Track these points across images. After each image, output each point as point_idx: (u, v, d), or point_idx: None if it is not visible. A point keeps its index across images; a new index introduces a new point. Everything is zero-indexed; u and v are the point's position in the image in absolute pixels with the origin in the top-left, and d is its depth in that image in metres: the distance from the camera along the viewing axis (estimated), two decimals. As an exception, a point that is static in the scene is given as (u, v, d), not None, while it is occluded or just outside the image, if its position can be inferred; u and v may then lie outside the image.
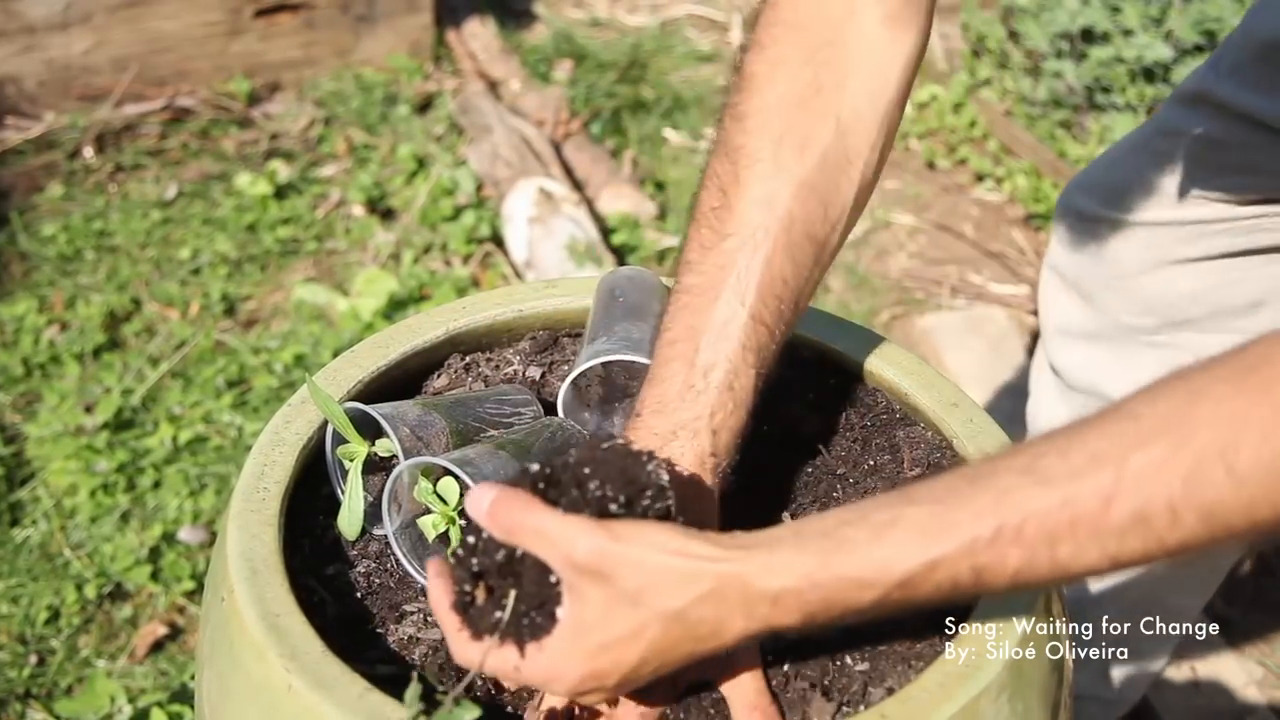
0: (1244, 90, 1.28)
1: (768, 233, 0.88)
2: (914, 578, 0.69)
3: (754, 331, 0.87)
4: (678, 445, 0.86)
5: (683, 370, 0.88)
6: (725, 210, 0.90)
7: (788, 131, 0.89)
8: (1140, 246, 1.42)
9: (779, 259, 0.88)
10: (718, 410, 0.86)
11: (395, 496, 0.91)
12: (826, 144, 0.89)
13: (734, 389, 0.87)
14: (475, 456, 0.89)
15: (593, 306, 1.11)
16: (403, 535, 0.91)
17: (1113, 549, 0.67)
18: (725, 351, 0.87)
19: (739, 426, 0.88)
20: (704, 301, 0.89)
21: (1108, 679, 1.73)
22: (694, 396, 0.87)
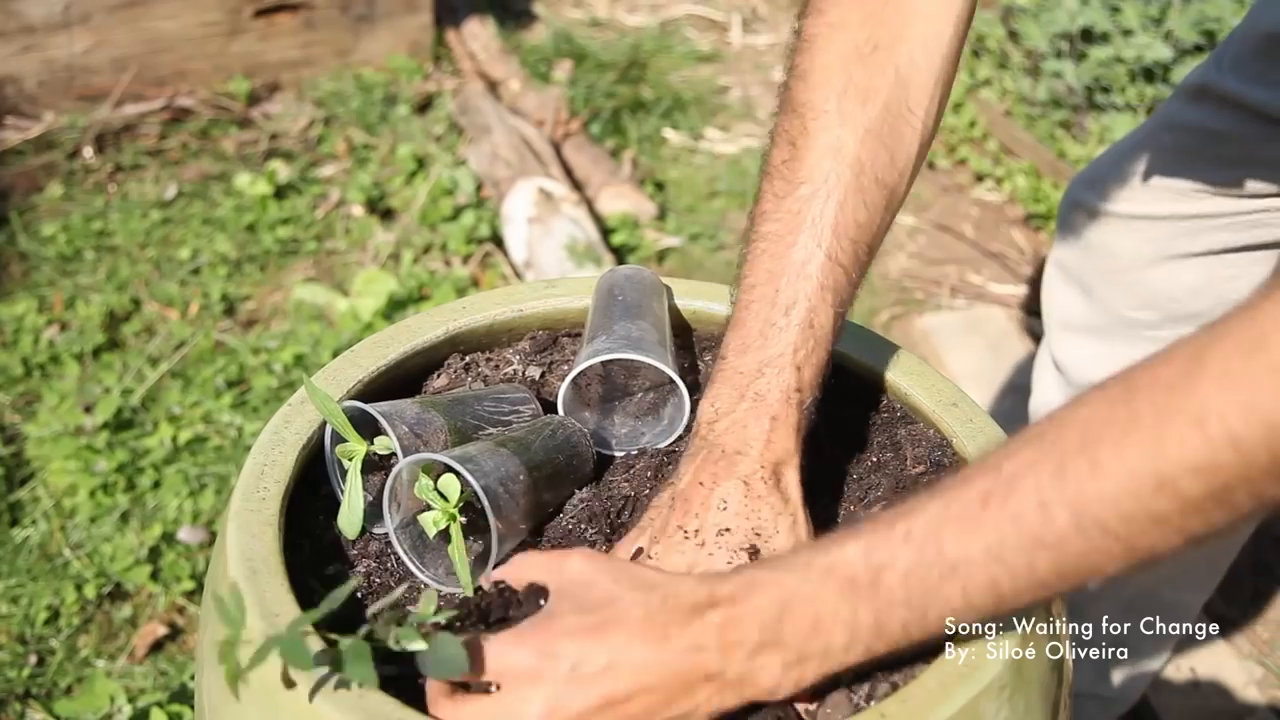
0: (1247, 83, 1.28)
1: (839, 178, 0.93)
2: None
3: (831, 271, 0.92)
4: (763, 382, 0.89)
5: (764, 310, 0.92)
6: (796, 161, 0.94)
7: (849, 84, 0.94)
8: (1143, 241, 1.42)
9: (851, 202, 0.93)
10: (800, 346, 0.90)
11: (395, 494, 0.91)
12: (887, 94, 0.94)
13: (814, 326, 0.91)
14: (476, 454, 0.89)
15: (592, 305, 1.11)
16: (403, 533, 0.91)
17: (995, 548, 0.69)
18: (805, 290, 0.91)
19: (821, 363, 0.92)
20: (781, 246, 0.93)
21: (1107, 677, 1.73)
22: (776, 334, 0.91)
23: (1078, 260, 1.51)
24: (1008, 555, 0.68)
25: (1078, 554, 0.67)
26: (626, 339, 1.00)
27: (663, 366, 0.99)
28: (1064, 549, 0.67)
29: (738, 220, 3.09)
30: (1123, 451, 0.65)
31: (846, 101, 0.94)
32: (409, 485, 0.90)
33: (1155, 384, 0.65)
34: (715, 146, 3.41)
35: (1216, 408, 0.62)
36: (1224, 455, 0.62)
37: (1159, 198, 1.39)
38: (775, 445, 0.88)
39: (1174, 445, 0.63)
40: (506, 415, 1.01)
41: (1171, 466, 0.63)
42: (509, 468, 0.90)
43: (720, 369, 0.92)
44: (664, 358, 1.00)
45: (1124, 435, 0.65)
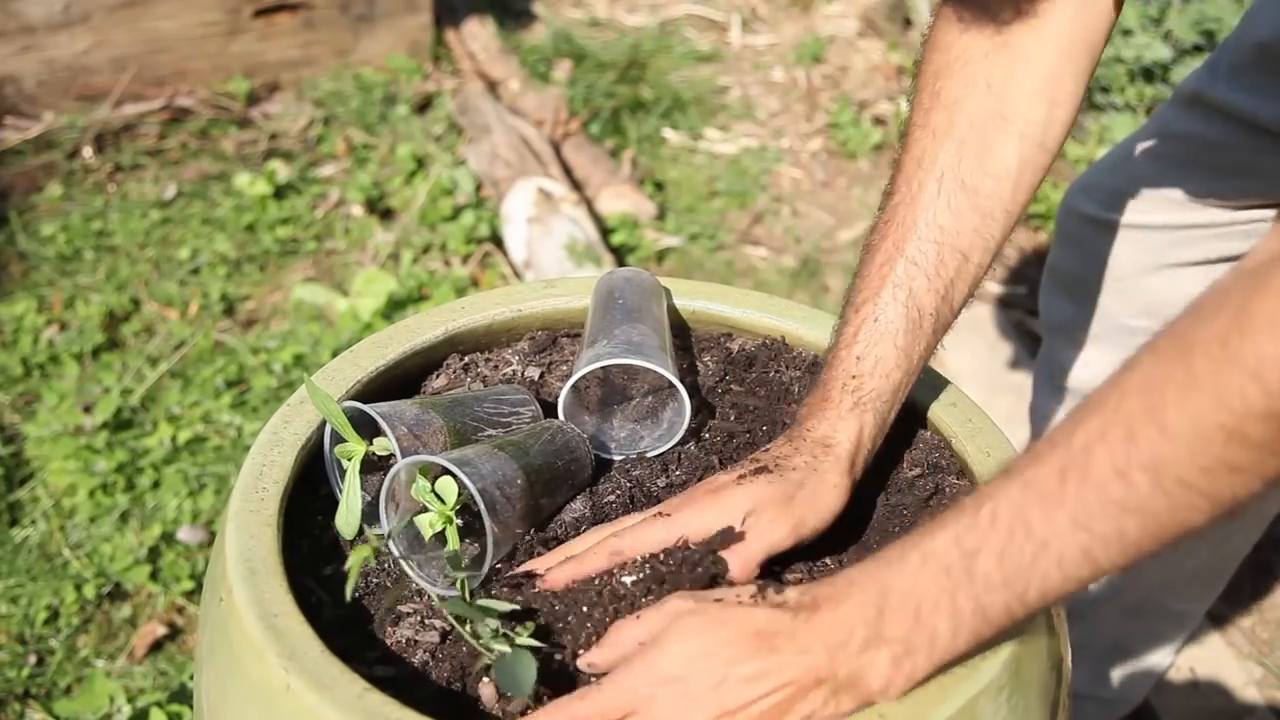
0: (1241, 93, 1.28)
1: (921, 185, 0.99)
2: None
3: (906, 271, 0.98)
4: (829, 372, 0.97)
5: (846, 310, 1.00)
6: (894, 174, 1.02)
7: (938, 98, 1.00)
8: (1139, 250, 1.42)
9: (932, 206, 0.98)
10: (861, 339, 0.97)
11: (393, 495, 0.91)
12: (975, 104, 0.99)
13: (879, 321, 0.97)
14: (474, 456, 0.89)
15: (591, 308, 1.11)
16: (400, 534, 0.91)
17: (1082, 519, 0.70)
18: (875, 289, 0.98)
19: (886, 354, 0.97)
20: (871, 252, 1.00)
21: (1107, 679, 1.73)
22: (844, 327, 0.99)
23: (1075, 268, 1.51)
24: (1095, 525, 0.70)
25: (1164, 513, 0.69)
26: (627, 343, 1.00)
27: (664, 372, 0.99)
28: (1149, 511, 0.69)
29: (737, 220, 3.09)
30: (1187, 410, 0.66)
31: (935, 114, 1.00)
32: (406, 486, 0.90)
33: (1209, 340, 0.66)
34: (715, 146, 3.41)
35: (1271, 356, 0.64)
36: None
37: (1155, 207, 1.39)
38: (826, 423, 0.94)
39: (1236, 398, 0.65)
40: (506, 417, 1.01)
41: (1237, 419, 0.65)
42: (506, 471, 0.90)
43: (827, 356, 1.00)
44: (664, 362, 1.00)
45: (1185, 394, 0.66)
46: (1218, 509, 0.68)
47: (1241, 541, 1.61)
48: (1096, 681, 1.73)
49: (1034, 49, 0.98)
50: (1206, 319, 0.67)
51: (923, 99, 1.01)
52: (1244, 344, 0.65)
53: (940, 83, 1.00)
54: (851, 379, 0.96)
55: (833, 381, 0.96)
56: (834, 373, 0.97)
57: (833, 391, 0.96)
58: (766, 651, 0.76)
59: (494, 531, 0.87)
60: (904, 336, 0.97)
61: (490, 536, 0.87)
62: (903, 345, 0.97)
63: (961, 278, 1.00)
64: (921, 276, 0.98)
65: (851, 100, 3.55)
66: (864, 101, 3.58)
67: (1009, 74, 0.98)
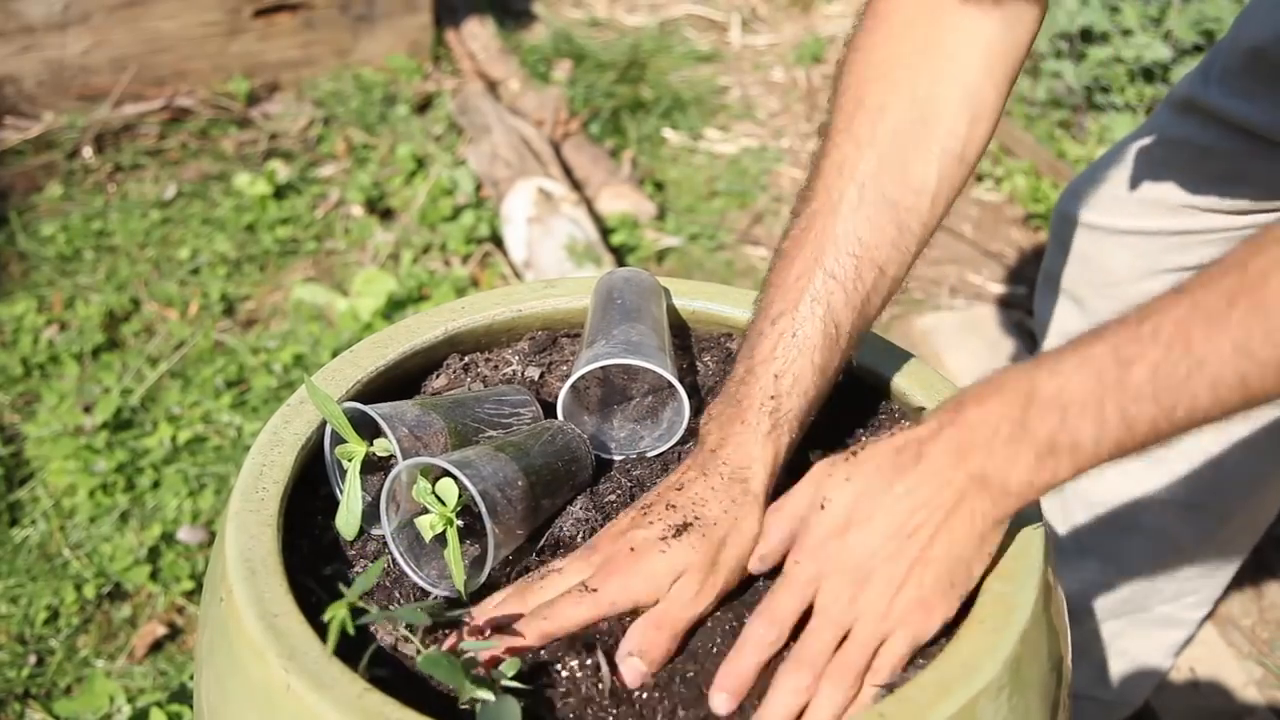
0: (1233, 98, 1.28)
1: (841, 194, 0.96)
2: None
3: (824, 286, 0.94)
4: (744, 389, 0.94)
5: (757, 321, 0.97)
6: (810, 181, 0.99)
7: (861, 104, 0.97)
8: (1134, 255, 1.42)
9: (851, 219, 0.95)
10: (779, 356, 0.94)
11: (393, 496, 0.91)
12: (900, 113, 0.96)
13: (797, 336, 0.94)
14: (475, 458, 0.89)
15: (590, 308, 1.11)
16: (400, 535, 0.91)
17: (1244, 343, 0.70)
18: (793, 302, 0.94)
19: (803, 372, 0.94)
20: (785, 262, 0.97)
21: (1106, 679, 1.73)
22: (760, 342, 0.95)
23: (1069, 272, 1.51)
24: (1256, 349, 0.70)
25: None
26: (626, 343, 1.00)
27: (663, 372, 0.99)
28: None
29: (737, 220, 3.09)
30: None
31: (857, 120, 0.96)
32: (407, 487, 0.90)
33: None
34: (715, 146, 3.41)
35: None
36: None
37: (1149, 212, 1.39)
38: (743, 449, 0.91)
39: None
40: (507, 418, 1.01)
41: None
42: (507, 473, 0.90)
43: (733, 373, 0.97)
44: (663, 362, 1.00)
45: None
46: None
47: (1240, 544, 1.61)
48: (1096, 683, 1.73)
49: (960, 59, 0.96)
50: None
51: (845, 103, 0.98)
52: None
53: (865, 88, 0.97)
54: (770, 399, 0.92)
55: (748, 399, 0.93)
56: (749, 389, 0.93)
57: (749, 412, 0.92)
58: (912, 461, 0.81)
59: (495, 534, 0.87)
60: (820, 353, 0.94)
61: (491, 539, 0.87)
62: (819, 362, 0.94)
63: (876, 292, 0.97)
64: (840, 290, 0.94)
65: (851, 100, 3.54)
66: (864, 101, 3.58)
67: (934, 84, 0.96)
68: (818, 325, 0.94)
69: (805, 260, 0.95)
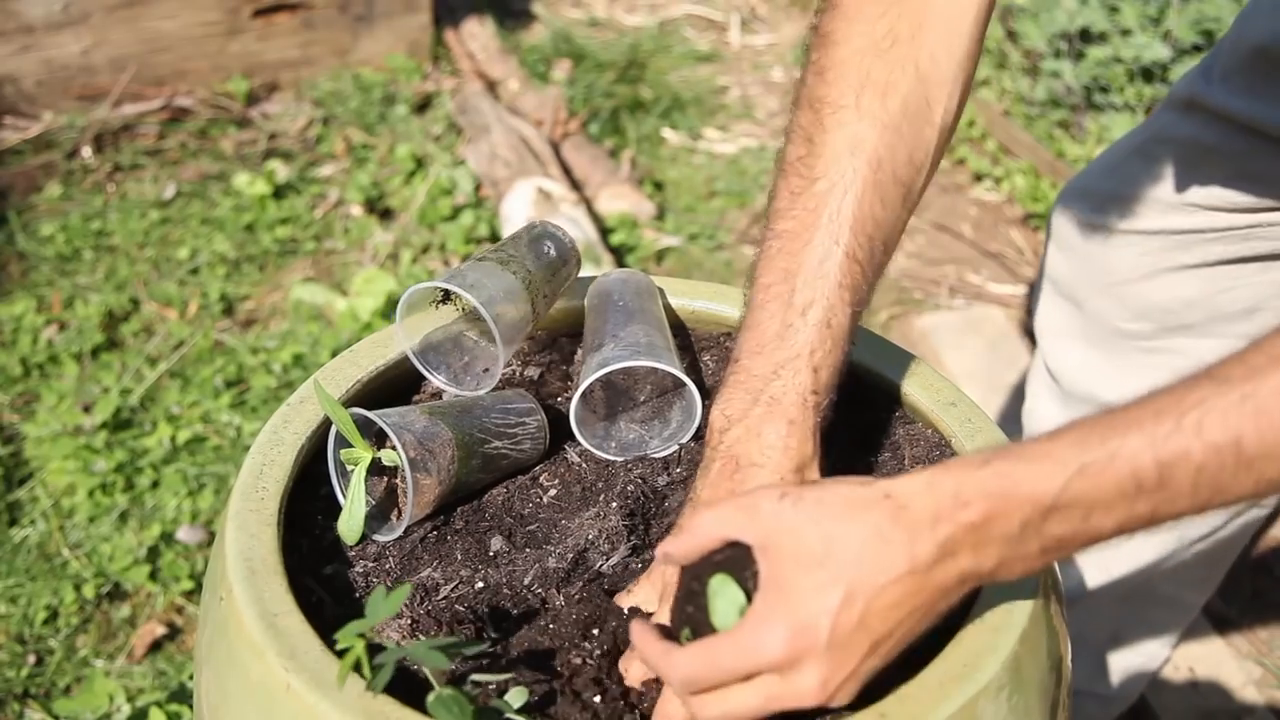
0: (1235, 96, 1.28)
1: (856, 173, 0.91)
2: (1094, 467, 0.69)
3: (849, 269, 0.90)
4: (779, 384, 0.88)
5: (780, 311, 0.90)
6: (812, 157, 0.92)
7: (868, 80, 0.92)
8: (1135, 254, 1.42)
9: (869, 198, 0.91)
10: (817, 347, 0.88)
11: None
12: (907, 90, 0.92)
13: (832, 326, 0.89)
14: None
15: (588, 311, 1.11)
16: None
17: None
18: (822, 290, 0.89)
19: (837, 364, 0.90)
20: (798, 244, 0.91)
21: (1105, 675, 1.73)
22: (792, 335, 0.89)
23: (1069, 271, 1.51)
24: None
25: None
26: (634, 345, 1.00)
27: (677, 373, 0.98)
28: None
29: (736, 220, 3.09)
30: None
31: (865, 97, 0.92)
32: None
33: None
34: (714, 146, 3.41)
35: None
36: None
37: (1152, 211, 1.39)
38: (793, 451, 0.86)
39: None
40: (513, 427, 1.01)
41: None
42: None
43: (733, 372, 0.90)
44: (673, 362, 1.00)
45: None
46: None
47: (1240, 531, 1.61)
48: (1095, 677, 1.73)
49: (955, 26, 0.93)
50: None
51: (847, 75, 0.93)
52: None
53: (868, 62, 0.93)
54: (812, 394, 0.88)
55: (789, 396, 0.87)
56: (789, 385, 0.88)
57: (793, 409, 0.87)
58: (905, 567, 0.71)
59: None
60: (849, 339, 0.92)
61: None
62: (847, 352, 0.92)
63: (882, 268, 0.95)
64: (861, 273, 0.91)
65: (851, 100, 3.55)
66: (863, 101, 3.58)
67: (934, 59, 0.93)
68: (848, 312, 0.90)
69: (823, 244, 0.90)
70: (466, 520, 0.98)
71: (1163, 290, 1.41)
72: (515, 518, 0.99)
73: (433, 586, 0.91)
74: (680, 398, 1.04)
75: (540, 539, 0.96)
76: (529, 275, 1.04)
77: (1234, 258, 1.35)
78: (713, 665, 0.72)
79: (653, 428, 1.07)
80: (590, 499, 0.99)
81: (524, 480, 1.02)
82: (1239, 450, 0.67)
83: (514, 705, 0.78)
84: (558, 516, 0.98)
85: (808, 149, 0.93)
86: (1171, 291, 1.40)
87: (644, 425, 1.07)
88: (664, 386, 1.09)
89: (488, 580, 0.91)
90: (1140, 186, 1.39)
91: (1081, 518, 0.70)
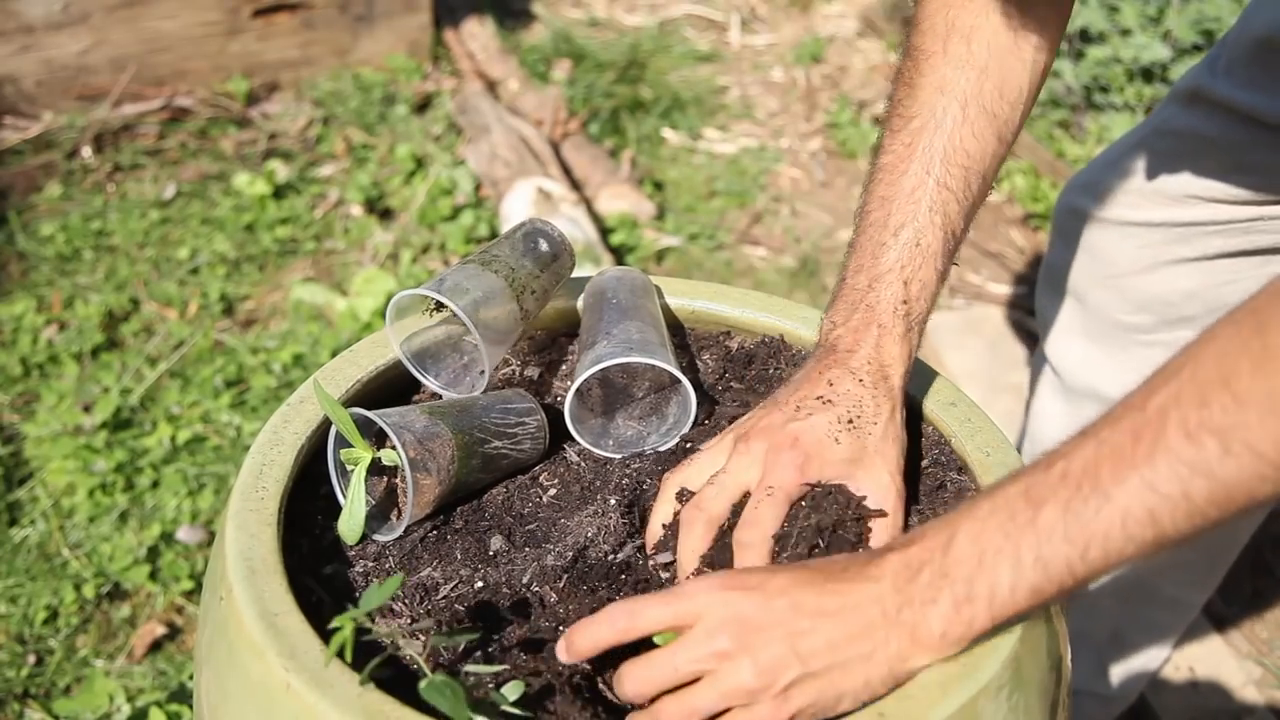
0: (1240, 88, 1.28)
1: (946, 111, 1.02)
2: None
3: (940, 196, 1.01)
4: (874, 295, 0.99)
5: (876, 233, 1.01)
6: (909, 98, 1.04)
7: (952, 28, 1.04)
8: (1137, 246, 1.42)
9: (959, 133, 1.02)
10: (907, 264, 1.00)
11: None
12: (990, 33, 1.03)
13: (921, 245, 1.00)
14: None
15: (584, 310, 1.11)
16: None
17: (1150, 479, 0.71)
18: (912, 213, 1.01)
19: (929, 278, 1.00)
20: (894, 175, 1.03)
21: (1105, 674, 1.73)
22: (885, 253, 1.00)
23: (1072, 266, 1.51)
24: (1162, 485, 0.71)
25: (1231, 479, 0.70)
26: (627, 342, 1.00)
27: (667, 366, 0.99)
28: (1216, 476, 0.70)
29: (736, 220, 3.09)
30: (1260, 381, 0.68)
31: (951, 43, 1.03)
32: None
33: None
34: (714, 146, 3.41)
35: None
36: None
37: (1153, 204, 1.39)
38: (884, 349, 0.97)
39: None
40: (513, 427, 1.01)
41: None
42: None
43: (839, 288, 1.02)
44: (666, 358, 1.00)
45: (1260, 366, 0.68)
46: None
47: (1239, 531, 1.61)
48: (1095, 677, 1.73)
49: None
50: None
51: (936, 25, 1.04)
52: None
53: (954, 13, 1.04)
54: (902, 304, 0.99)
55: (882, 304, 0.98)
56: (879, 295, 0.99)
57: (884, 315, 0.98)
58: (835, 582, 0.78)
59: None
60: (941, 259, 1.01)
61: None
62: (940, 269, 1.01)
63: (979, 199, 1.04)
64: (953, 200, 1.01)
65: (851, 100, 3.55)
66: (863, 101, 3.58)
67: (1022, 5, 1.02)
68: (939, 234, 1.00)
69: (916, 174, 1.01)
70: (466, 520, 0.98)
71: (1163, 283, 1.41)
72: (515, 517, 0.99)
73: (432, 586, 0.91)
74: (677, 394, 1.05)
75: (540, 538, 0.96)
76: (513, 274, 1.04)
77: (1234, 251, 1.36)
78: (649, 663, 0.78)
79: (650, 424, 1.07)
80: (589, 497, 1.00)
81: (524, 480, 1.02)
82: (1097, 487, 0.73)
83: (510, 698, 0.78)
84: (557, 516, 0.98)
85: (906, 93, 1.05)
86: (1171, 284, 1.41)
87: (641, 422, 1.07)
88: (661, 383, 1.09)
89: (487, 579, 0.91)
90: (1141, 179, 1.40)
91: (977, 560, 0.76)
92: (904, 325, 0.99)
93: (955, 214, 1.01)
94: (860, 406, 0.94)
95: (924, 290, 1.00)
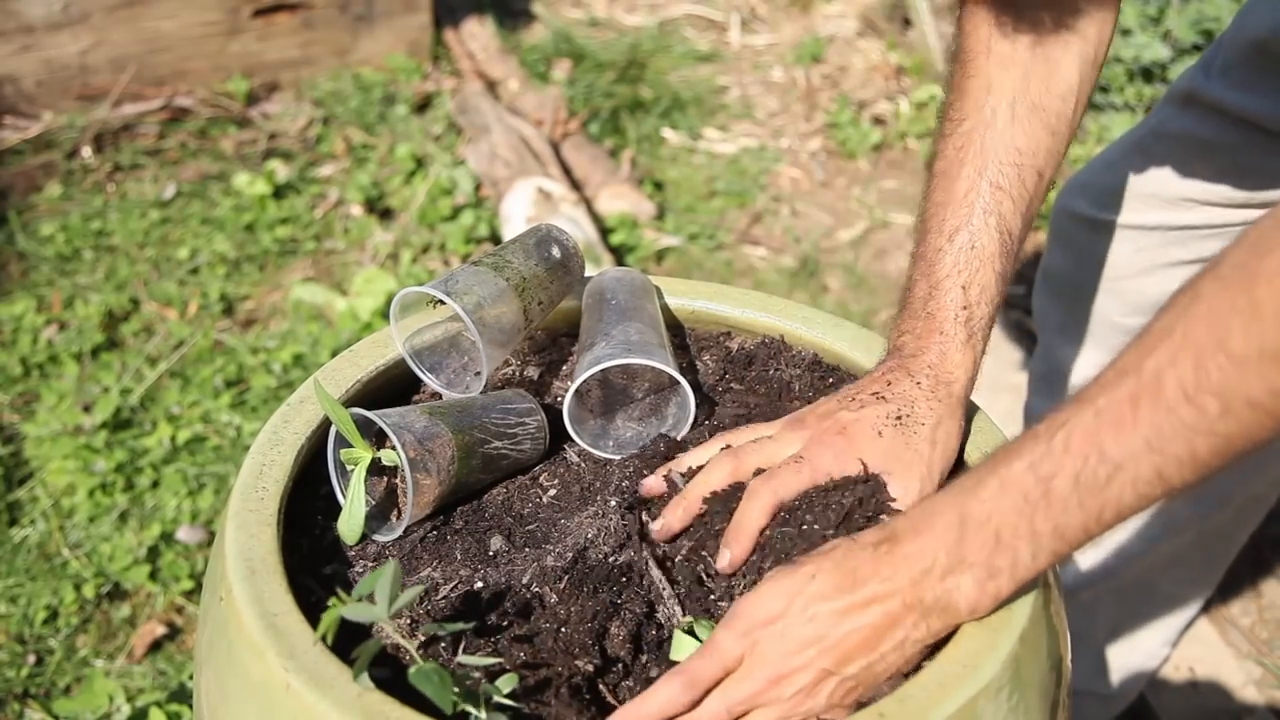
0: (1234, 90, 1.28)
1: (994, 110, 1.03)
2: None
3: (993, 197, 1.01)
4: (934, 303, 1.00)
5: (933, 239, 1.02)
6: (957, 101, 1.05)
7: (995, 29, 1.03)
8: (1134, 249, 1.42)
9: (1009, 131, 1.02)
10: (964, 268, 1.00)
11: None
12: (1031, 29, 1.03)
13: (976, 248, 1.00)
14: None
15: (584, 310, 1.11)
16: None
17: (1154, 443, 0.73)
18: (965, 217, 1.01)
19: (988, 281, 1.00)
20: (947, 180, 1.03)
21: (1105, 674, 1.74)
22: (942, 259, 1.01)
23: (1069, 267, 1.52)
24: (1167, 446, 0.72)
25: (1234, 433, 0.71)
26: (626, 343, 1.00)
27: (665, 367, 0.99)
28: (1219, 432, 0.71)
29: (736, 220, 3.09)
30: (1252, 337, 0.69)
31: (995, 43, 1.03)
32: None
33: (1272, 271, 0.69)
34: (714, 146, 3.41)
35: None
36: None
37: (1149, 206, 1.39)
38: (947, 358, 0.98)
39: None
40: (513, 427, 1.01)
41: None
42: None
43: (903, 297, 1.03)
44: (666, 359, 1.00)
45: (1250, 322, 0.69)
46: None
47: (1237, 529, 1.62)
48: (1094, 676, 1.74)
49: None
50: (1265, 249, 0.70)
51: (979, 26, 1.04)
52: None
53: (996, 14, 1.03)
54: (962, 309, 0.99)
55: (941, 311, 0.99)
56: (939, 303, 0.99)
57: (945, 323, 0.98)
58: (851, 585, 0.80)
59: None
60: (999, 261, 1.00)
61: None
62: (999, 270, 1.00)
63: (1038, 196, 1.04)
64: (1007, 199, 1.01)
65: (851, 100, 3.55)
66: (863, 101, 3.58)
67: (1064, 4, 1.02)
68: (994, 235, 1.00)
69: (969, 176, 1.01)
70: (466, 520, 0.98)
71: (1158, 286, 1.42)
72: (515, 518, 0.99)
73: (432, 586, 0.91)
74: (676, 394, 1.05)
75: (540, 538, 0.96)
76: (522, 279, 1.04)
77: None
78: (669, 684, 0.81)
79: (649, 425, 1.07)
80: (589, 498, 0.99)
81: (524, 480, 1.02)
82: (1104, 456, 0.74)
83: (503, 690, 0.78)
84: (557, 516, 0.98)
85: (955, 97, 1.05)
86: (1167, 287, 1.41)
87: (641, 423, 1.07)
88: (660, 384, 1.09)
89: (487, 580, 0.91)
90: (1137, 182, 1.40)
91: (994, 542, 0.79)
92: (965, 332, 0.99)
93: (1010, 214, 1.01)
94: (912, 406, 0.95)
95: (984, 294, 1.00)
